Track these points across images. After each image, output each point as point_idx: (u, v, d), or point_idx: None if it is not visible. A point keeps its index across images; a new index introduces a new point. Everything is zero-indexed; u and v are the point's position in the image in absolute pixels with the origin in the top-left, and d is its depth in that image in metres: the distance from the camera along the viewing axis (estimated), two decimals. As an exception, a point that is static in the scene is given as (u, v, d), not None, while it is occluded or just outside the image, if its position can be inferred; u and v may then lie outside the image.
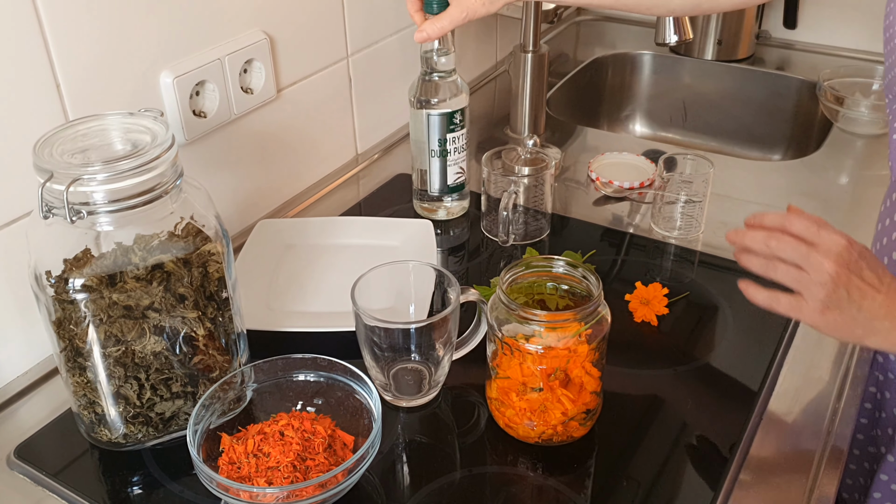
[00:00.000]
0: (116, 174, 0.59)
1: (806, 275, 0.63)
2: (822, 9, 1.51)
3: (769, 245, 0.66)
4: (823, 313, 0.63)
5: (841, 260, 0.62)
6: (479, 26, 1.41)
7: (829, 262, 0.62)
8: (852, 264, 0.63)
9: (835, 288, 0.63)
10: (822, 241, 0.63)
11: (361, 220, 0.99)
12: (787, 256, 0.65)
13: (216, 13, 0.88)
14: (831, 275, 0.62)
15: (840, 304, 0.63)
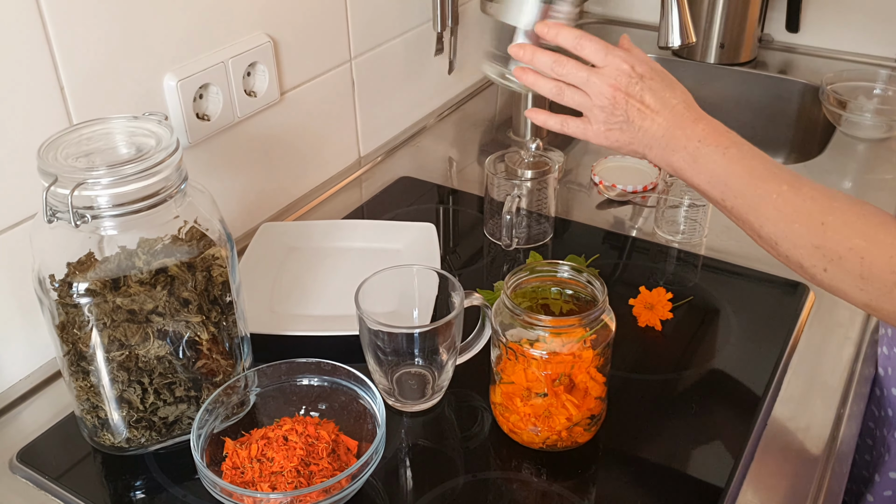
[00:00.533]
0: (121, 178, 0.59)
1: (589, 98, 0.70)
2: (824, 12, 1.51)
3: (554, 69, 0.72)
4: (606, 134, 0.71)
5: (619, 84, 0.69)
6: (482, 30, 1.41)
7: (607, 87, 0.69)
8: (632, 87, 0.69)
9: (612, 110, 0.69)
10: (606, 66, 0.69)
11: (364, 224, 0.99)
12: (571, 80, 0.71)
13: (220, 16, 0.88)
14: (608, 98, 0.69)
15: (620, 124, 0.70)
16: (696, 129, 0.68)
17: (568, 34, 0.71)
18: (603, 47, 0.70)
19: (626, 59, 0.69)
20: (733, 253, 0.97)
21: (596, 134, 0.71)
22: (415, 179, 1.15)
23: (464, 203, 1.11)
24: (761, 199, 0.64)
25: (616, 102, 0.69)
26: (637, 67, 0.69)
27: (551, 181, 1.00)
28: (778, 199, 0.63)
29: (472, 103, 1.39)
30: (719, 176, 0.66)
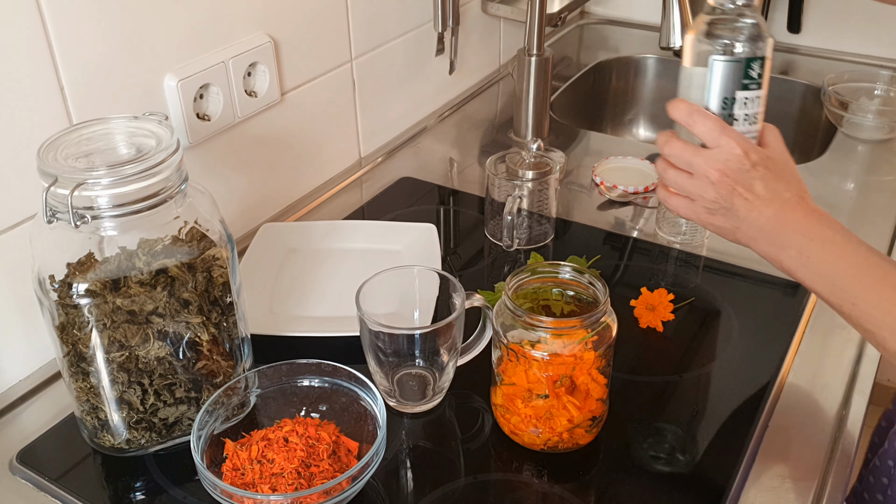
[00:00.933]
0: (121, 178, 0.58)
1: (693, 180, 0.65)
2: (825, 13, 1.51)
3: (663, 150, 0.68)
4: (709, 217, 0.66)
5: (728, 169, 0.63)
6: (482, 29, 1.41)
7: (714, 171, 0.63)
8: (741, 174, 0.63)
9: (716, 196, 0.64)
10: (719, 147, 0.63)
11: (365, 224, 0.99)
12: (676, 162, 0.66)
13: (220, 16, 0.88)
14: (713, 182, 0.63)
15: (725, 211, 0.64)
16: (807, 223, 0.63)
17: (681, 108, 0.66)
18: (718, 127, 0.63)
19: (741, 143, 0.63)
20: (734, 254, 0.97)
21: (698, 213, 0.66)
22: (415, 180, 1.15)
23: (464, 204, 1.11)
24: (881, 305, 0.61)
25: (721, 187, 0.63)
26: (752, 154, 0.63)
27: (552, 182, 1.00)
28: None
29: (472, 104, 1.39)
30: (828, 276, 0.62)
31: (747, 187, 0.63)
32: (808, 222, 0.63)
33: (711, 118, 0.64)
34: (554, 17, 1.34)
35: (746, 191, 0.63)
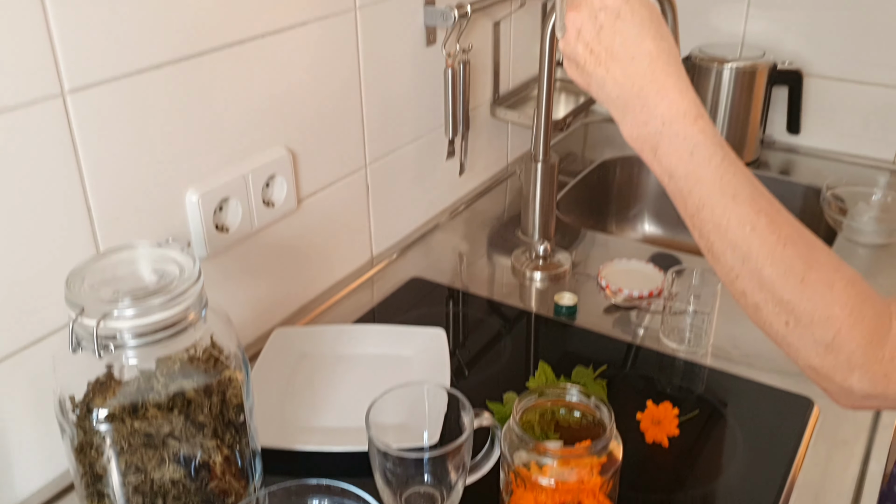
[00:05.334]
0: (145, 310, 0.61)
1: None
2: (823, 115, 1.56)
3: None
4: (567, 64, 0.65)
5: (578, 19, 0.62)
6: (491, 130, 1.45)
7: (572, 17, 0.63)
8: (589, 29, 0.61)
9: (564, 45, 0.64)
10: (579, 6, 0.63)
11: (375, 329, 1.01)
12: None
13: (242, 131, 0.92)
14: (567, 34, 0.64)
15: (580, 60, 0.63)
16: (660, 103, 0.59)
17: None
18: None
19: (594, 7, 0.62)
20: (738, 362, 0.99)
21: (565, 62, 0.66)
22: (425, 280, 1.17)
23: (474, 306, 1.13)
24: (729, 224, 0.57)
25: (567, 42, 0.64)
26: (604, 13, 0.61)
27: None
28: (752, 232, 0.56)
29: (482, 201, 1.43)
30: (678, 180, 0.59)
31: (587, 46, 0.62)
32: (659, 101, 0.59)
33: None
34: (560, 123, 1.39)
35: (586, 49, 0.62)
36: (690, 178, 0.58)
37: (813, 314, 0.55)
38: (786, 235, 0.56)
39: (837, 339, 0.55)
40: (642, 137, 0.61)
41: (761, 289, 0.57)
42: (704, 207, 0.58)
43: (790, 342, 0.57)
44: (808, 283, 0.55)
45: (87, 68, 0.73)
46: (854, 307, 0.54)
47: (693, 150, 0.58)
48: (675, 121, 0.58)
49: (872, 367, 0.54)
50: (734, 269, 0.58)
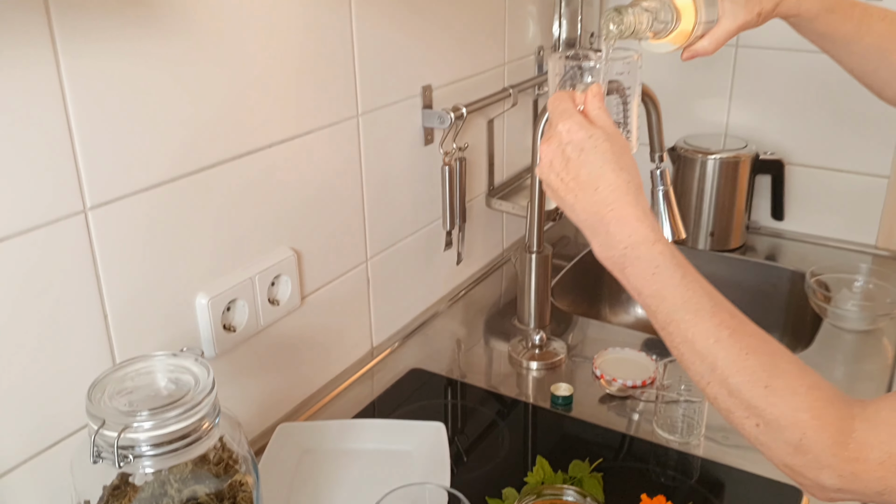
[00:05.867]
0: (162, 421, 0.64)
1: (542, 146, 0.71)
2: (806, 201, 1.62)
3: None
4: (544, 187, 0.70)
5: (549, 152, 0.69)
6: (486, 220, 1.51)
7: (545, 149, 0.69)
8: (558, 161, 0.68)
9: (539, 172, 0.70)
10: (556, 131, 0.69)
11: (376, 424, 1.04)
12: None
13: (249, 235, 0.96)
14: (541, 163, 0.70)
15: (553, 187, 0.69)
16: (621, 230, 0.65)
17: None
18: (561, 113, 0.69)
19: (562, 134, 0.68)
20: (729, 452, 1.01)
21: (548, 194, 0.72)
22: (424, 371, 1.20)
23: (472, 397, 1.16)
24: (694, 337, 0.62)
25: (541, 169, 0.70)
26: (571, 142, 0.67)
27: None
28: (715, 344, 0.61)
29: (478, 289, 1.47)
30: (645, 298, 0.65)
31: (557, 173, 0.68)
32: (622, 229, 0.65)
33: (559, 98, 0.70)
34: (552, 213, 1.44)
35: (556, 177, 0.68)
36: (655, 296, 0.64)
37: (780, 418, 0.59)
38: (748, 345, 0.61)
39: (805, 441, 0.58)
40: (610, 259, 0.67)
41: (730, 395, 0.61)
42: (671, 322, 0.63)
43: (762, 442, 0.61)
44: (772, 390, 0.59)
45: (108, 185, 0.78)
46: (818, 411, 0.58)
47: (655, 272, 0.64)
48: (636, 246, 0.64)
49: (840, 466, 0.57)
50: (704, 377, 0.63)
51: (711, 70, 1.61)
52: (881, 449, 0.55)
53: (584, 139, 0.67)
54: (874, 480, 0.56)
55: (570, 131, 0.68)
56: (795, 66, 1.53)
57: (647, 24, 0.78)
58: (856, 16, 0.86)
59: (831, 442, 0.57)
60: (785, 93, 1.57)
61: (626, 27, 0.76)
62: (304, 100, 1.00)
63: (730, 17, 0.83)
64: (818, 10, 0.85)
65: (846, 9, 0.86)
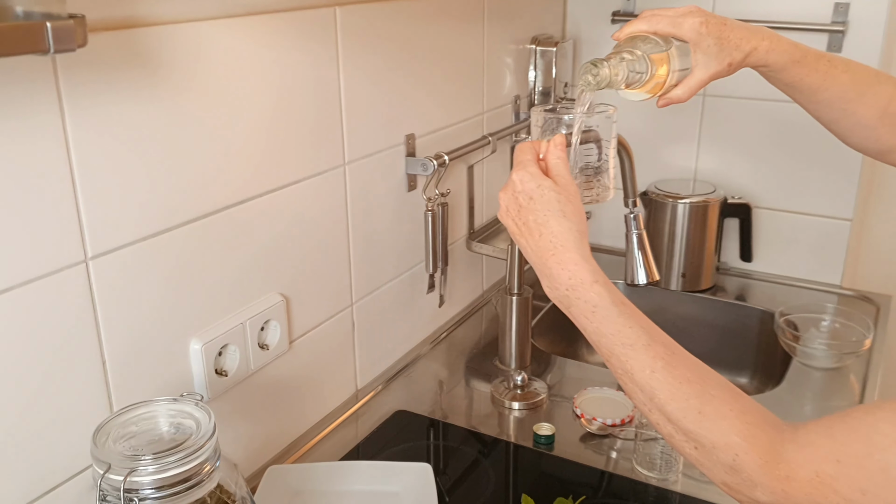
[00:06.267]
0: (166, 465, 0.66)
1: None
2: (773, 243, 1.68)
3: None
4: (511, 232, 0.76)
5: (505, 199, 0.75)
6: (467, 262, 1.54)
7: (502, 196, 0.76)
8: (512, 207, 0.75)
9: (499, 216, 0.76)
10: (511, 180, 0.75)
11: (364, 466, 1.06)
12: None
13: (240, 282, 0.99)
14: (500, 209, 0.76)
15: (510, 231, 0.75)
16: (562, 273, 0.71)
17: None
18: (518, 163, 0.76)
19: (518, 183, 0.74)
20: (707, 488, 1.05)
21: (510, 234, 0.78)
22: (408, 413, 1.23)
23: (456, 437, 1.19)
24: (633, 369, 0.67)
25: (504, 214, 0.76)
26: (528, 189, 0.73)
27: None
28: (652, 375, 0.66)
29: (460, 330, 1.50)
30: (589, 334, 0.70)
31: (518, 219, 0.74)
32: (562, 272, 0.70)
33: (523, 149, 0.77)
34: (532, 257, 1.48)
35: (514, 223, 0.74)
36: (596, 333, 0.70)
37: (714, 442, 0.64)
38: (681, 375, 0.66)
39: (737, 462, 0.63)
40: (556, 299, 0.72)
41: (668, 421, 0.66)
42: (612, 356, 0.69)
43: (701, 463, 0.66)
44: (705, 416, 0.64)
45: (108, 236, 0.81)
46: (748, 434, 0.63)
47: (594, 310, 0.69)
48: (575, 288, 0.70)
49: (772, 485, 0.62)
50: (645, 405, 0.68)
51: (680, 118, 1.68)
52: (808, 468, 0.60)
53: (533, 189, 0.73)
54: (804, 497, 0.60)
55: (522, 181, 0.74)
56: (760, 114, 1.61)
57: (623, 76, 0.82)
58: (821, 68, 0.92)
59: (762, 462, 0.62)
60: (751, 139, 1.64)
61: (602, 79, 0.80)
62: (294, 151, 1.04)
63: (702, 67, 0.88)
64: (785, 62, 0.90)
65: (812, 61, 0.91)
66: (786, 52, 0.89)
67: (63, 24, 0.55)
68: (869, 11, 1.48)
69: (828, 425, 0.61)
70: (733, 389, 0.66)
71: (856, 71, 0.93)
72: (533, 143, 0.78)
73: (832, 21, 1.51)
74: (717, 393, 0.65)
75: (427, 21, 1.27)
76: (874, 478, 0.57)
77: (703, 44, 0.85)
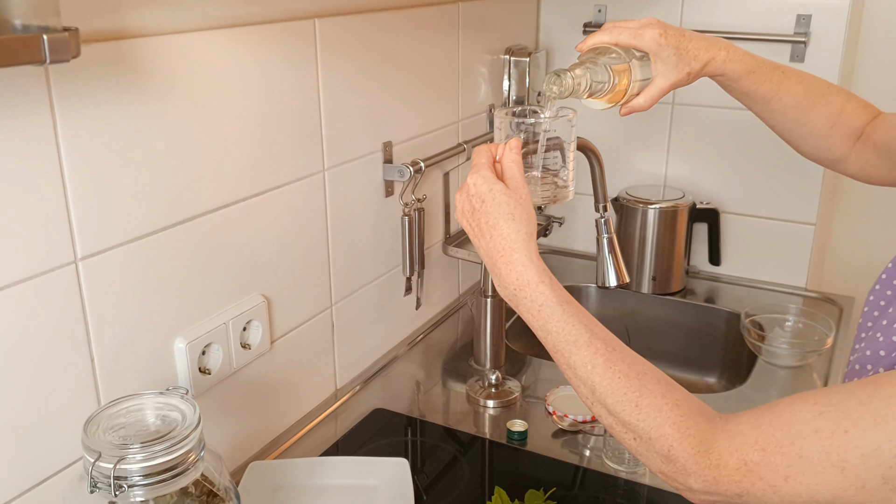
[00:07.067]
0: (153, 454, 0.70)
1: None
2: (741, 247, 1.74)
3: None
4: (467, 232, 0.79)
5: (460, 201, 0.79)
6: (443, 266, 1.59)
7: (458, 198, 0.79)
8: (467, 209, 0.78)
9: (457, 217, 0.80)
10: (466, 183, 0.79)
11: (343, 461, 1.10)
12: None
13: (224, 282, 1.03)
14: (457, 210, 0.80)
15: (466, 231, 0.79)
16: (510, 274, 0.74)
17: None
18: (474, 167, 0.79)
19: (473, 185, 0.78)
20: (673, 481, 1.09)
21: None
22: (386, 411, 1.27)
23: (432, 434, 1.23)
24: (575, 364, 0.71)
25: (460, 215, 0.79)
26: (480, 192, 0.77)
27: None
28: (593, 370, 0.70)
29: (437, 331, 1.54)
30: (537, 331, 0.74)
31: (471, 219, 0.78)
32: (510, 272, 0.74)
33: (480, 152, 0.80)
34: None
35: (469, 222, 0.78)
36: (542, 330, 0.74)
37: (650, 432, 0.68)
38: (620, 370, 0.70)
39: (672, 452, 0.67)
40: (506, 297, 0.76)
41: (609, 413, 0.70)
42: (557, 352, 0.73)
43: (640, 452, 0.70)
44: (641, 408, 0.68)
45: (97, 237, 0.84)
46: (681, 425, 0.67)
47: (539, 309, 0.73)
48: (522, 287, 0.74)
49: (703, 472, 0.66)
50: (588, 399, 0.72)
51: (650, 126, 1.74)
52: (737, 457, 0.64)
53: (485, 192, 0.77)
54: (733, 484, 0.64)
55: (476, 184, 0.78)
56: (727, 121, 1.66)
57: (586, 86, 0.87)
58: (775, 78, 0.97)
59: (694, 451, 0.66)
60: (718, 146, 1.69)
61: (565, 88, 0.85)
62: (275, 157, 1.08)
63: (662, 77, 0.93)
64: (741, 72, 0.95)
65: (766, 72, 0.96)
66: (741, 62, 0.94)
67: (58, 36, 0.58)
68: (830, 22, 1.55)
69: (755, 415, 0.65)
70: (669, 383, 0.71)
71: (809, 82, 0.98)
72: (489, 146, 0.82)
73: (795, 32, 1.57)
74: (652, 387, 0.69)
75: (404, 32, 1.31)
76: (794, 465, 0.61)
77: (662, 54, 0.90)
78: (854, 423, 0.59)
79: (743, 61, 0.94)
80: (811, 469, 0.60)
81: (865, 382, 0.61)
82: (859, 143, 0.99)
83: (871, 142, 0.97)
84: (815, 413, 0.61)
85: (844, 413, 0.59)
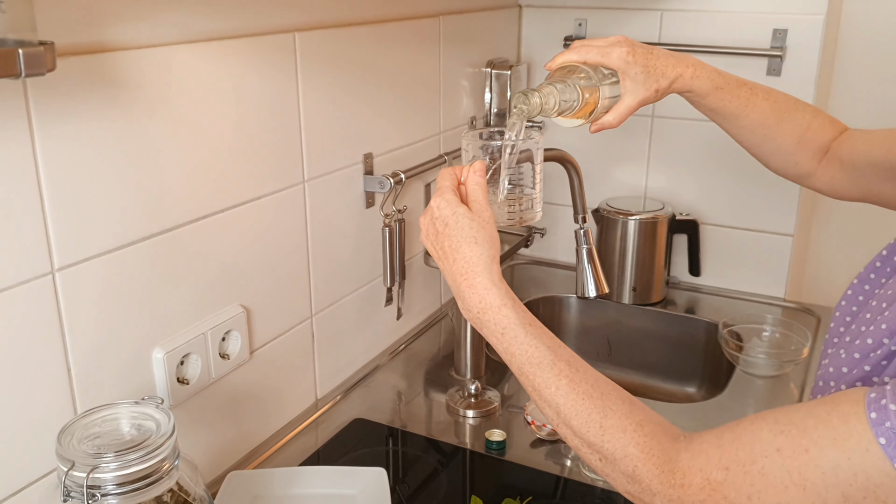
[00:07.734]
0: (127, 462, 0.70)
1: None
2: (720, 258, 1.76)
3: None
4: (431, 255, 0.79)
5: (424, 224, 0.79)
6: (425, 277, 1.60)
7: (422, 221, 0.79)
8: (431, 232, 0.78)
9: (423, 242, 0.80)
10: (429, 206, 0.79)
11: (322, 470, 1.10)
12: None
13: (202, 293, 1.03)
14: (421, 233, 0.80)
15: (431, 254, 0.79)
16: (473, 297, 0.74)
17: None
18: (439, 189, 0.79)
19: (437, 209, 0.78)
20: (649, 490, 1.10)
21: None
22: (367, 421, 1.27)
23: (412, 444, 1.23)
24: (539, 386, 0.71)
25: (424, 238, 0.80)
26: (444, 216, 0.77)
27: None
28: (556, 392, 0.70)
29: (418, 342, 1.55)
30: (501, 353, 0.74)
31: (434, 243, 0.78)
32: (472, 297, 0.74)
33: (445, 176, 0.81)
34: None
35: (433, 246, 0.78)
36: (506, 353, 0.74)
37: (614, 453, 0.68)
38: (583, 391, 0.70)
39: (637, 472, 0.67)
40: (470, 319, 0.76)
41: (574, 435, 0.70)
42: (521, 374, 0.73)
43: (606, 473, 0.71)
44: (605, 429, 0.68)
45: (74, 248, 0.85)
46: (644, 445, 0.67)
47: (503, 332, 0.73)
48: (484, 311, 0.74)
49: (668, 492, 0.66)
50: (553, 420, 0.72)
51: (630, 138, 1.76)
52: (700, 476, 0.64)
53: (448, 215, 0.77)
54: (697, 503, 0.64)
55: (439, 207, 0.78)
56: (707, 134, 1.68)
57: (554, 104, 0.88)
58: (742, 95, 0.98)
59: (658, 471, 0.66)
60: (698, 159, 1.72)
61: (533, 107, 0.86)
62: (255, 168, 1.09)
63: (631, 94, 0.94)
64: (708, 88, 0.97)
65: (733, 88, 0.98)
66: (709, 78, 0.95)
67: (34, 50, 0.59)
68: (806, 37, 1.57)
69: (718, 434, 0.66)
70: (633, 402, 0.71)
71: (776, 99, 1.00)
72: (454, 168, 0.82)
73: (771, 46, 1.59)
74: (616, 407, 0.69)
75: (385, 45, 1.33)
76: (757, 483, 0.61)
77: (630, 72, 0.92)
78: (813, 441, 0.59)
79: (710, 78, 0.95)
80: (773, 487, 0.60)
81: (825, 401, 0.62)
82: (826, 159, 1.00)
83: (837, 158, 0.99)
84: (775, 432, 0.61)
85: (804, 432, 0.60)
